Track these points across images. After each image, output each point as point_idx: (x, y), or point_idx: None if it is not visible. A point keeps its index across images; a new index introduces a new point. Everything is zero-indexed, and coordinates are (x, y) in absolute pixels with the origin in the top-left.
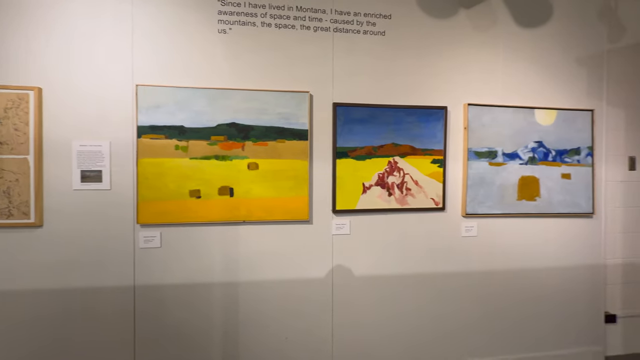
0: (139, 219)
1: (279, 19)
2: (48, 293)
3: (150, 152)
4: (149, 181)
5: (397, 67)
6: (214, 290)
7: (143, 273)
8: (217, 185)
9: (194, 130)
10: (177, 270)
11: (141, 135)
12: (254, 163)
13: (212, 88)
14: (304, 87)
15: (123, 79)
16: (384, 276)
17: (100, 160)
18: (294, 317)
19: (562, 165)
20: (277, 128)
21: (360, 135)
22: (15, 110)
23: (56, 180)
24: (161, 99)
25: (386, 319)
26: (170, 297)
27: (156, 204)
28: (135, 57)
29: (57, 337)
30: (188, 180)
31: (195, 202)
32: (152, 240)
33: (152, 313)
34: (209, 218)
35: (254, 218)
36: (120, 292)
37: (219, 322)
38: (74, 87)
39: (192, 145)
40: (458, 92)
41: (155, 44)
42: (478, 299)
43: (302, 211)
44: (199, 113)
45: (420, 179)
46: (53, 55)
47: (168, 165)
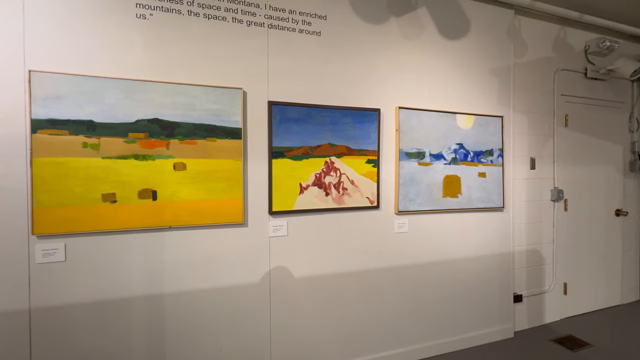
0: (35, 229)
1: (208, 9)
2: None
3: (49, 150)
4: (48, 184)
5: (333, 68)
6: (134, 306)
7: (41, 293)
8: (136, 188)
9: (107, 125)
10: (87, 287)
11: (37, 130)
12: (181, 163)
13: (129, 79)
14: (237, 83)
15: (12, 64)
16: (323, 276)
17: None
18: (230, 326)
19: (479, 165)
20: (207, 125)
21: (296, 135)
22: None
23: None
24: (64, 88)
25: (325, 317)
26: (78, 318)
27: (58, 210)
28: (28, 39)
29: None
30: (100, 182)
31: (109, 207)
32: (54, 253)
33: (55, 337)
34: (127, 225)
35: (182, 223)
36: (11, 319)
37: (142, 341)
38: None
39: (105, 143)
40: (390, 95)
41: (55, 24)
42: (410, 291)
43: (236, 214)
44: (113, 107)
45: (356, 179)
46: None
47: (74, 165)
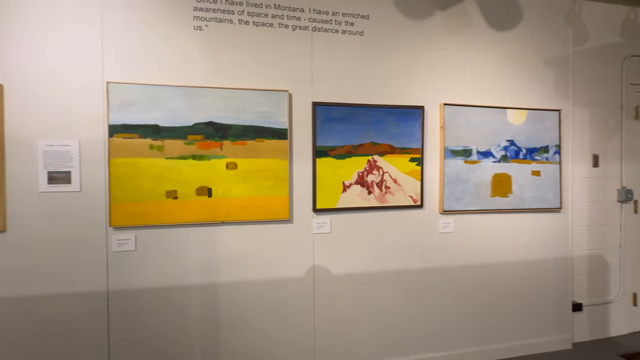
0: (112, 222)
1: (257, 17)
2: (14, 301)
3: (122, 151)
4: (122, 182)
5: (375, 67)
6: (193, 293)
7: (117, 277)
8: (194, 185)
9: (170, 129)
10: (154, 274)
11: (113, 134)
12: (233, 162)
13: (188, 86)
14: (283, 85)
15: (92, 76)
16: (365, 274)
17: (68, 161)
18: (276, 317)
19: (532, 162)
20: (256, 127)
21: (340, 135)
22: None
23: (20, 181)
24: (134, 96)
25: (368, 315)
26: (147, 301)
27: (130, 205)
28: (106, 54)
29: (26, 345)
30: (164, 180)
31: (172, 203)
32: (127, 243)
33: (128, 319)
34: (186, 219)
35: (234, 218)
36: (93, 298)
37: (199, 324)
38: (40, 85)
39: (168, 145)
40: (435, 92)
41: (126, 40)
42: (457, 293)
43: (282, 211)
44: (174, 111)
45: (399, 177)
46: (15, 51)
47: (142, 165)
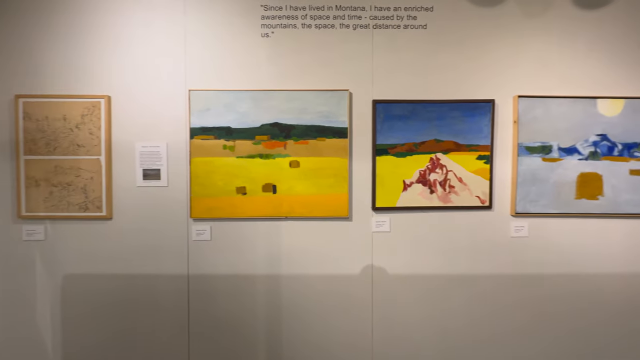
0: (192, 214)
1: (319, 20)
2: (117, 278)
3: (201, 151)
4: (200, 179)
5: (439, 61)
6: (259, 282)
7: (196, 264)
8: (261, 182)
9: (240, 130)
10: (226, 262)
11: (193, 136)
12: (296, 161)
13: (256, 90)
14: (344, 85)
15: (178, 85)
16: (425, 275)
17: (158, 160)
18: (334, 312)
19: (631, 160)
20: (317, 127)
21: (400, 132)
22: (90, 116)
23: (123, 178)
24: (211, 102)
25: (427, 318)
26: (220, 287)
27: (206, 200)
28: (188, 65)
29: (124, 315)
30: (235, 177)
31: (241, 198)
32: (203, 233)
33: (204, 301)
34: (254, 213)
35: (296, 214)
36: (177, 280)
37: (264, 309)
38: (137, 94)
39: (239, 145)
40: (506, 84)
41: (205, 51)
42: (528, 303)
43: (342, 208)
44: (244, 114)
45: (465, 176)
46: (119, 66)
47: (217, 163)
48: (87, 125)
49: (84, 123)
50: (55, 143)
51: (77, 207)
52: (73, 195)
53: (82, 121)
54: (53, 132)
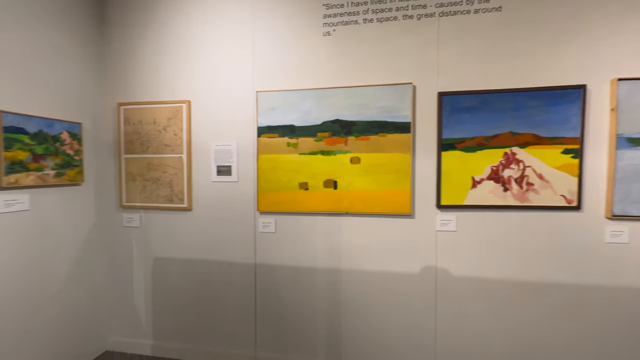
0: (259, 207)
1: (381, 13)
2: (196, 262)
3: (267, 149)
4: (266, 175)
5: (516, 46)
6: (319, 275)
7: (262, 253)
8: (322, 178)
9: (303, 128)
10: (288, 254)
11: (260, 134)
12: (356, 157)
13: (318, 88)
14: (407, 78)
15: (247, 87)
16: (497, 280)
17: (230, 157)
18: (393, 309)
19: None
20: (378, 122)
21: (469, 125)
22: (174, 119)
23: (200, 173)
24: (276, 102)
25: (498, 328)
26: (283, 277)
27: (272, 194)
28: (255, 68)
29: (201, 296)
30: (297, 173)
31: (303, 193)
32: (269, 226)
33: (269, 288)
34: (315, 208)
35: (356, 210)
36: (246, 268)
37: (324, 303)
38: (211, 98)
39: (301, 142)
40: (601, 66)
41: (271, 52)
42: (626, 322)
43: (403, 205)
44: (307, 112)
45: (546, 172)
46: (197, 73)
47: (281, 160)
48: (172, 128)
49: (170, 125)
50: (148, 143)
51: (164, 199)
52: (161, 188)
53: (168, 124)
54: (146, 133)
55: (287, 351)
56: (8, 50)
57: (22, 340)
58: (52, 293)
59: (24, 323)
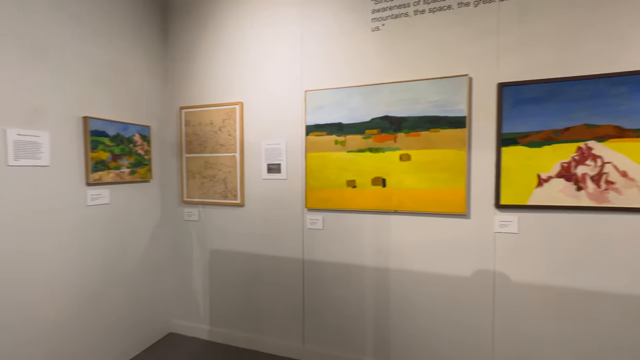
0: (307, 204)
1: (434, 3)
2: (247, 255)
3: (315, 147)
4: (314, 172)
5: (594, 24)
6: (367, 273)
7: (309, 250)
8: (370, 176)
9: (351, 125)
10: (336, 251)
11: (308, 133)
12: (406, 154)
13: (366, 85)
14: (462, 70)
15: (295, 88)
16: (567, 289)
17: (279, 155)
18: (444, 313)
19: None
20: (430, 117)
21: (535, 118)
22: (229, 120)
23: (252, 171)
24: (323, 100)
25: (564, 343)
26: (331, 272)
27: (319, 192)
28: (304, 68)
29: (252, 288)
30: (345, 171)
31: (351, 191)
32: (317, 222)
33: (316, 284)
34: (363, 206)
35: (406, 209)
36: (293, 263)
37: (371, 302)
38: (261, 99)
39: (349, 140)
40: None
41: (318, 53)
42: None
43: (457, 204)
44: (354, 109)
45: (632, 169)
46: (249, 75)
47: (329, 158)
48: (226, 128)
49: (225, 126)
50: (205, 143)
51: (219, 195)
52: (217, 185)
53: (223, 125)
54: (204, 134)
55: (334, 347)
56: (92, 65)
57: (99, 318)
58: (125, 277)
59: (101, 302)
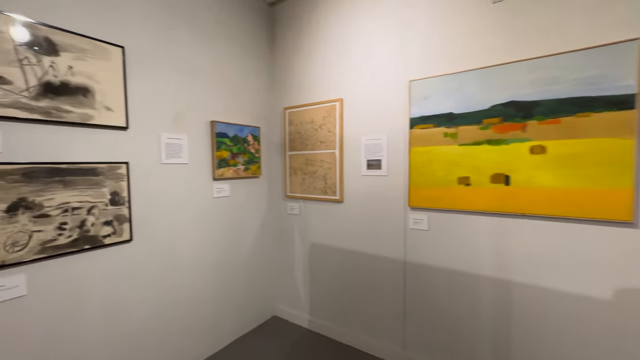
0: (410, 203)
1: None
2: (345, 252)
3: (419, 141)
4: (419, 168)
5: None
6: (482, 284)
7: (412, 251)
8: (489, 172)
9: (463, 115)
10: (443, 255)
11: (413, 126)
12: (539, 146)
13: (485, 67)
14: (628, 33)
15: (397, 80)
16: None
17: (380, 151)
18: (594, 348)
19: None
20: (575, 99)
21: None
22: (329, 117)
23: (351, 168)
24: (430, 89)
25: None
26: (436, 279)
27: (425, 189)
28: (408, 57)
29: (349, 284)
30: (456, 167)
31: (463, 189)
32: (421, 222)
33: (420, 289)
34: (478, 207)
35: (537, 212)
36: (394, 263)
37: (488, 317)
38: (361, 94)
39: (462, 132)
40: None
41: (425, 38)
42: None
43: (618, 209)
44: (468, 97)
45: None
46: (348, 72)
47: (436, 152)
48: (326, 125)
49: (325, 124)
50: (306, 141)
51: (319, 191)
52: (317, 181)
53: (323, 122)
54: (305, 132)
55: (439, 357)
56: (219, 75)
57: (221, 292)
58: (239, 260)
59: (222, 278)
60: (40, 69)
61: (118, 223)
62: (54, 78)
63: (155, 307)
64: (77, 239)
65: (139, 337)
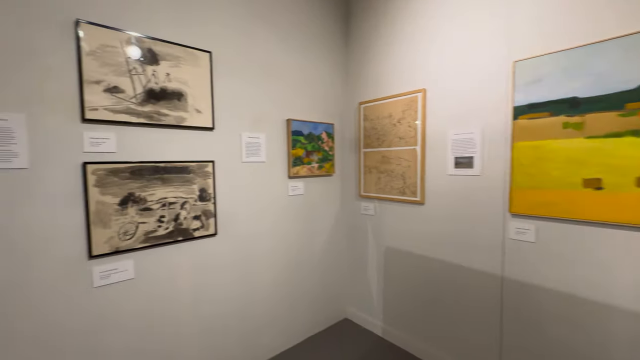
0: (511, 208)
1: None
2: (425, 259)
3: (527, 134)
4: (525, 167)
5: None
6: (618, 318)
7: (513, 266)
8: (634, 173)
9: (594, 99)
10: (556, 275)
11: (517, 116)
12: None
13: (624, 35)
14: None
15: (496, 64)
16: None
17: (471, 147)
18: None
19: None
20: None
21: None
22: (409, 111)
23: (435, 166)
24: (542, 70)
25: None
26: (548, 303)
27: (533, 192)
28: (511, 35)
29: (428, 294)
30: (582, 165)
31: (591, 194)
32: (526, 233)
33: (523, 313)
34: (614, 217)
35: None
36: (487, 278)
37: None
38: (449, 82)
39: (591, 120)
40: None
41: (530, 14)
42: None
43: None
44: (600, 76)
45: None
46: (433, 58)
47: (551, 147)
48: (406, 120)
49: (404, 118)
50: (383, 137)
51: (397, 191)
52: (394, 180)
53: (402, 116)
54: (382, 128)
55: None
56: (294, 74)
57: (296, 291)
58: (312, 259)
59: (297, 277)
60: (145, 78)
61: (205, 218)
62: (155, 85)
63: (235, 293)
64: (172, 231)
65: (222, 317)
